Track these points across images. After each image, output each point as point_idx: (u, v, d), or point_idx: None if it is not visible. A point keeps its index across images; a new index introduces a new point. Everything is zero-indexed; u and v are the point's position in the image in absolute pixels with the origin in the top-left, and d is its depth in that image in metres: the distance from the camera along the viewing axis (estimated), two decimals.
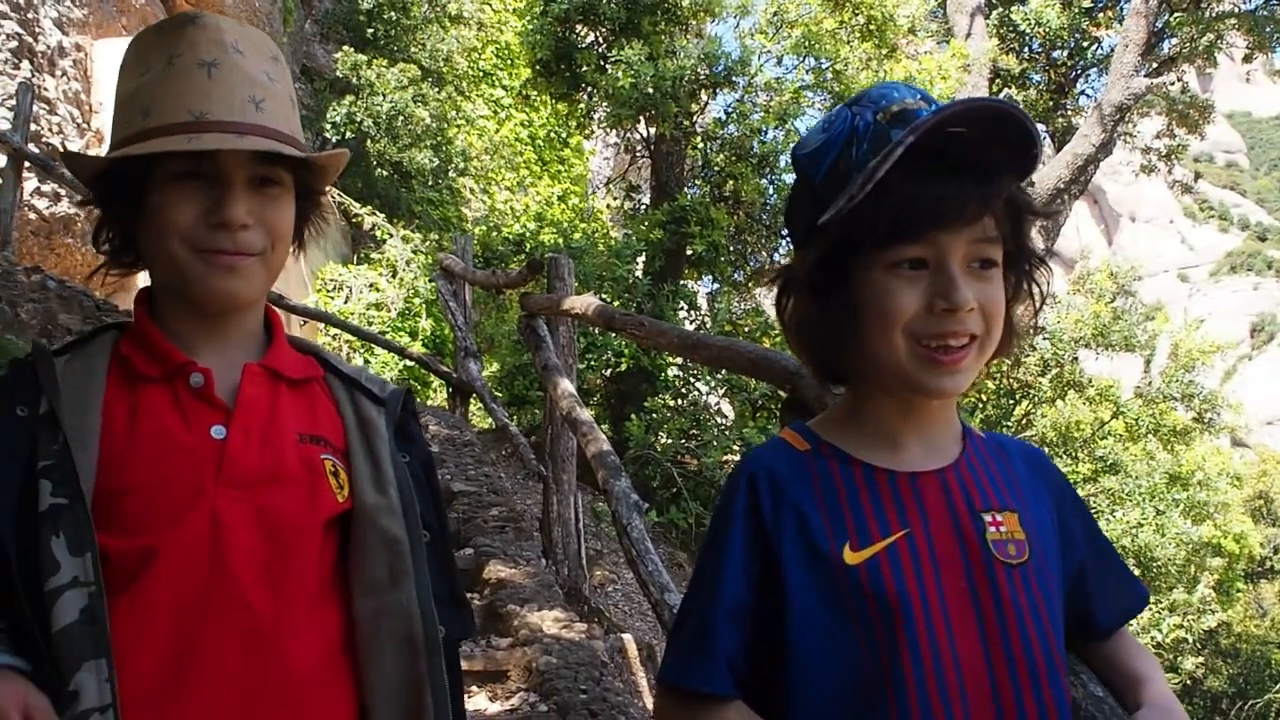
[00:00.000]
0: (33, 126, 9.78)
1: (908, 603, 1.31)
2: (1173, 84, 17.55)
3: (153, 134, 1.42)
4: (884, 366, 1.37)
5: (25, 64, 10.12)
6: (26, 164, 9.66)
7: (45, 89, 10.41)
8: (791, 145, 10.73)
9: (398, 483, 1.55)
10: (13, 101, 9.65)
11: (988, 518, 1.37)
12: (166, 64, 1.44)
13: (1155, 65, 16.47)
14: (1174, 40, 16.47)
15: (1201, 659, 13.70)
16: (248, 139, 1.42)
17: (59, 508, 1.34)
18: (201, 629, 1.37)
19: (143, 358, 1.49)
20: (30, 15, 10.29)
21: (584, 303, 5.87)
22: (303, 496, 1.47)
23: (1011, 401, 15.27)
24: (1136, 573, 12.46)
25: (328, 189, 1.71)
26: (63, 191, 10.36)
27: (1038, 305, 1.45)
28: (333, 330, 13.73)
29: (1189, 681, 13.93)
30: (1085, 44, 17.69)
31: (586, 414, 5.58)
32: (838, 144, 1.38)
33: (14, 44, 9.99)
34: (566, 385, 6.01)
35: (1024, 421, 14.89)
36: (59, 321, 7.53)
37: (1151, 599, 12.87)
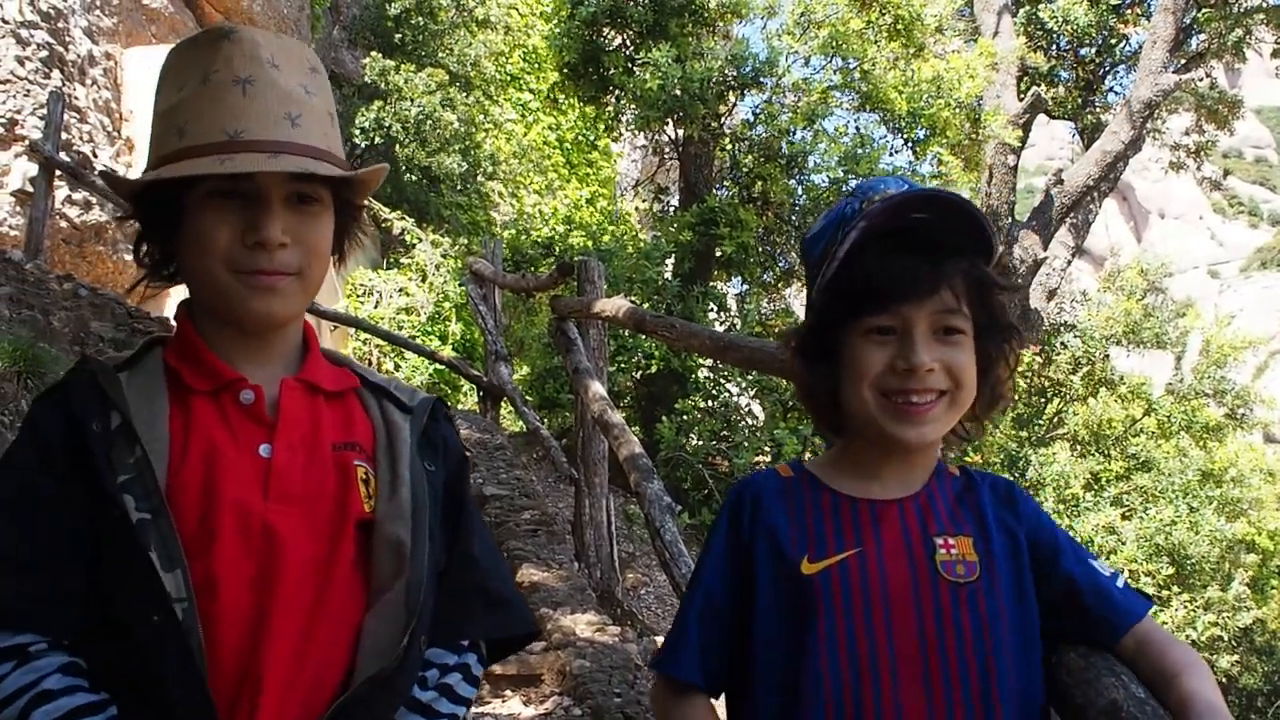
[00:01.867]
0: (64, 135, 9.87)
1: (847, 612, 1.50)
2: (1201, 80, 17.42)
3: (187, 154, 1.42)
4: (860, 418, 1.58)
5: (56, 73, 10.22)
6: (58, 172, 9.75)
7: (76, 98, 10.51)
8: (820, 145, 10.72)
9: (412, 488, 1.54)
10: (44, 110, 9.74)
11: (939, 540, 1.54)
12: (201, 81, 1.44)
13: (1183, 61, 16.34)
14: (1202, 36, 16.34)
15: (1236, 656, 13.58)
16: (282, 158, 1.42)
17: (145, 523, 1.35)
18: (264, 645, 1.38)
19: (191, 371, 1.49)
20: (60, 25, 10.40)
21: (615, 305, 5.87)
22: (340, 506, 1.49)
23: (1043, 400, 15.20)
24: (1169, 571, 12.40)
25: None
26: (94, 200, 10.45)
27: (1010, 371, 1.64)
28: (363, 335, 13.80)
29: (1224, 680, 13.81)
30: (1113, 41, 17.57)
31: (618, 417, 5.59)
32: (829, 230, 1.63)
33: (45, 53, 10.10)
34: (598, 388, 6.02)
35: (1055, 420, 14.82)
36: (91, 329, 7.60)
37: (1186, 597, 12.78)
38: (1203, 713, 1.39)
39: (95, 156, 10.61)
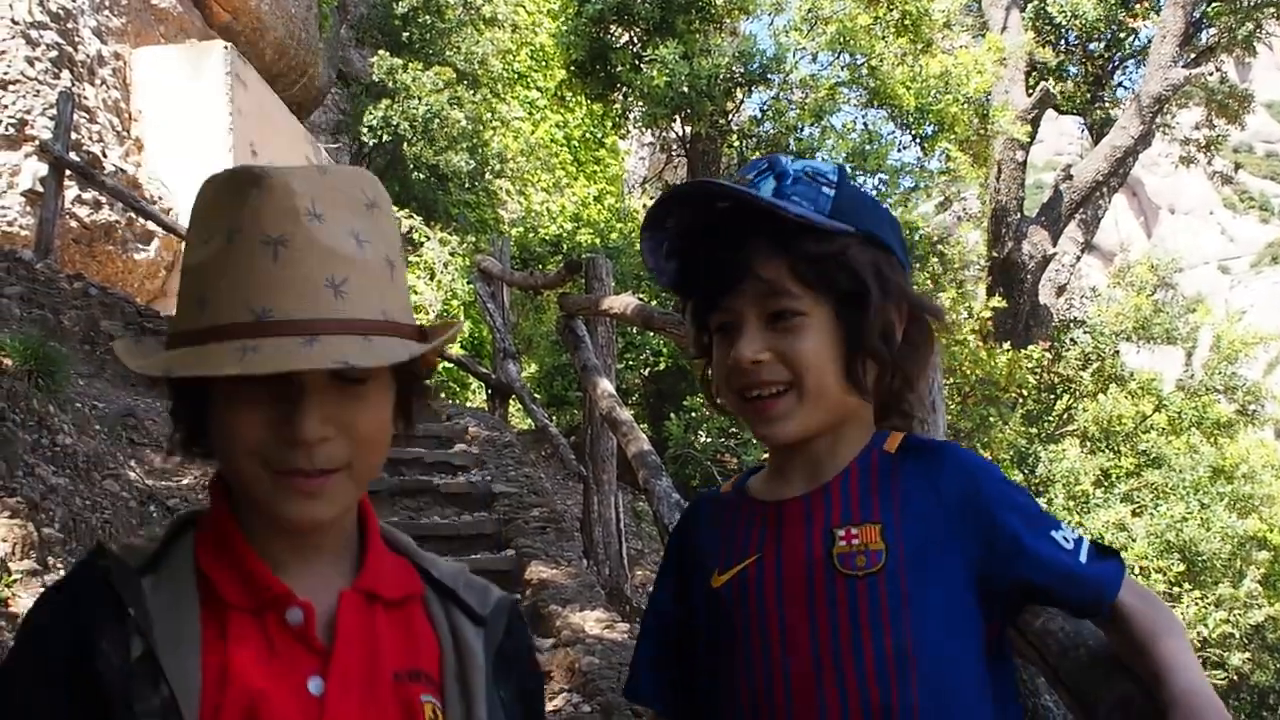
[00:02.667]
0: (73, 135, 9.90)
1: (747, 623, 1.42)
2: (1211, 74, 17.38)
3: (208, 336, 1.15)
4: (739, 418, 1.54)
5: (65, 73, 10.24)
6: (68, 172, 9.78)
7: (85, 98, 10.53)
8: (828, 141, 10.69)
9: None
10: (54, 110, 9.77)
11: (840, 533, 1.41)
12: (227, 239, 1.16)
13: (1193, 56, 16.31)
14: (1212, 30, 16.30)
15: (1248, 654, 13.53)
16: (320, 343, 1.12)
17: None
18: None
19: (229, 579, 1.21)
20: (70, 25, 10.42)
21: (623, 302, 5.87)
22: None
23: (1052, 396, 15.17)
24: (1180, 568, 12.37)
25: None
26: (103, 199, 10.47)
27: (885, 337, 1.45)
28: None
29: (1235, 677, 13.77)
30: (1122, 35, 17.52)
31: (626, 414, 5.59)
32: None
33: (54, 53, 10.12)
34: (606, 385, 6.02)
35: (1065, 416, 14.79)
36: (101, 328, 7.63)
37: (1197, 594, 12.73)
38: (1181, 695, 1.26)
39: (105, 156, 10.63)
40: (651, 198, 17.09)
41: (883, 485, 1.45)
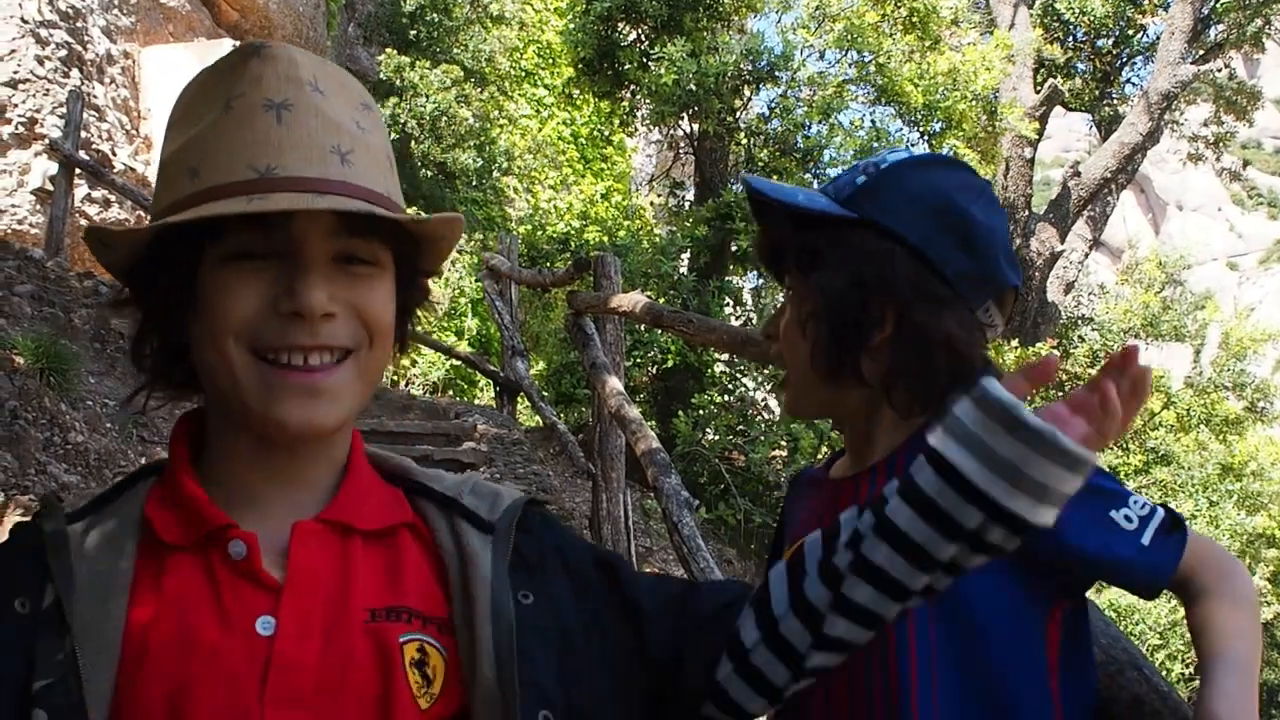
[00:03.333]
0: (83, 134, 9.93)
1: None
2: (1220, 70, 17.36)
3: (203, 198, 1.03)
4: None
5: (75, 72, 10.28)
6: (78, 171, 9.82)
7: (95, 96, 10.57)
8: (836, 139, 10.67)
9: (495, 652, 1.08)
10: (63, 109, 9.81)
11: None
12: (224, 109, 1.06)
13: (1202, 52, 16.29)
14: (1220, 26, 16.28)
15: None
16: (329, 199, 1.03)
17: None
18: None
19: (169, 519, 1.08)
20: (79, 24, 10.46)
21: (631, 300, 5.88)
22: (379, 706, 1.03)
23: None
24: None
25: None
26: (113, 198, 10.52)
27: (841, 337, 1.44)
28: None
29: None
30: (1130, 32, 17.50)
31: (635, 411, 5.59)
32: None
33: (64, 52, 10.16)
34: (614, 383, 6.02)
35: None
36: (111, 326, 7.65)
37: None
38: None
39: (114, 155, 10.67)
40: (659, 195, 17.10)
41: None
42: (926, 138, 12.63)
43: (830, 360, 1.43)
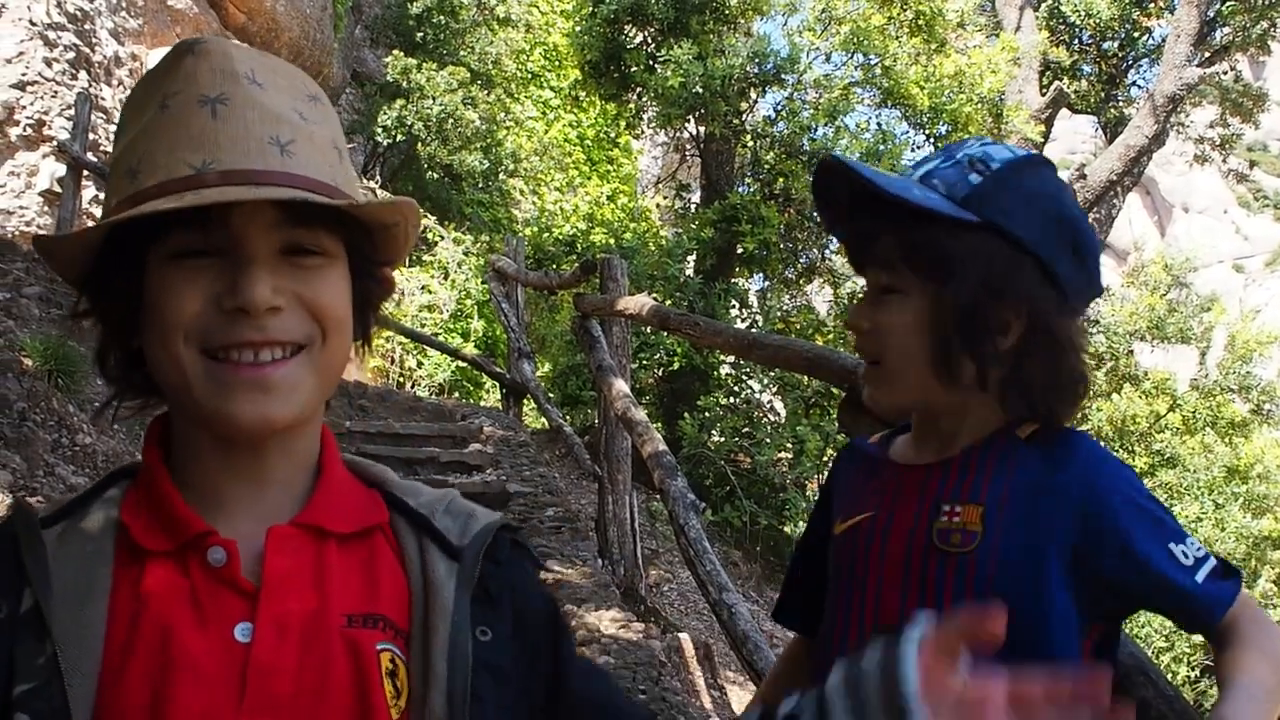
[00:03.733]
0: (90, 136, 9.96)
1: (851, 573, 1.51)
2: (1225, 73, 17.33)
3: (140, 199, 1.01)
4: None
5: (83, 74, 10.31)
6: (85, 172, 9.85)
7: (102, 98, 10.61)
8: (842, 141, 10.71)
9: (448, 686, 1.05)
10: (71, 111, 9.84)
11: (945, 508, 1.44)
12: (159, 108, 1.05)
13: (1208, 55, 16.26)
14: (1226, 29, 16.24)
15: None
16: (265, 189, 1.01)
17: None
18: None
19: (146, 523, 1.06)
20: (87, 26, 10.49)
21: (638, 303, 5.90)
22: (356, 714, 1.03)
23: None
24: None
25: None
26: None
27: (981, 347, 1.44)
28: (386, 333, 13.84)
29: None
30: (1136, 34, 17.48)
31: (641, 414, 5.61)
32: None
33: (71, 55, 10.18)
34: (621, 385, 6.04)
35: (1080, 416, 14.76)
36: None
37: None
38: None
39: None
40: (665, 197, 17.10)
41: (998, 469, 1.45)
42: (932, 140, 12.63)
43: (954, 365, 1.44)
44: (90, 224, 1.08)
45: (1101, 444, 1.54)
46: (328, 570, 1.07)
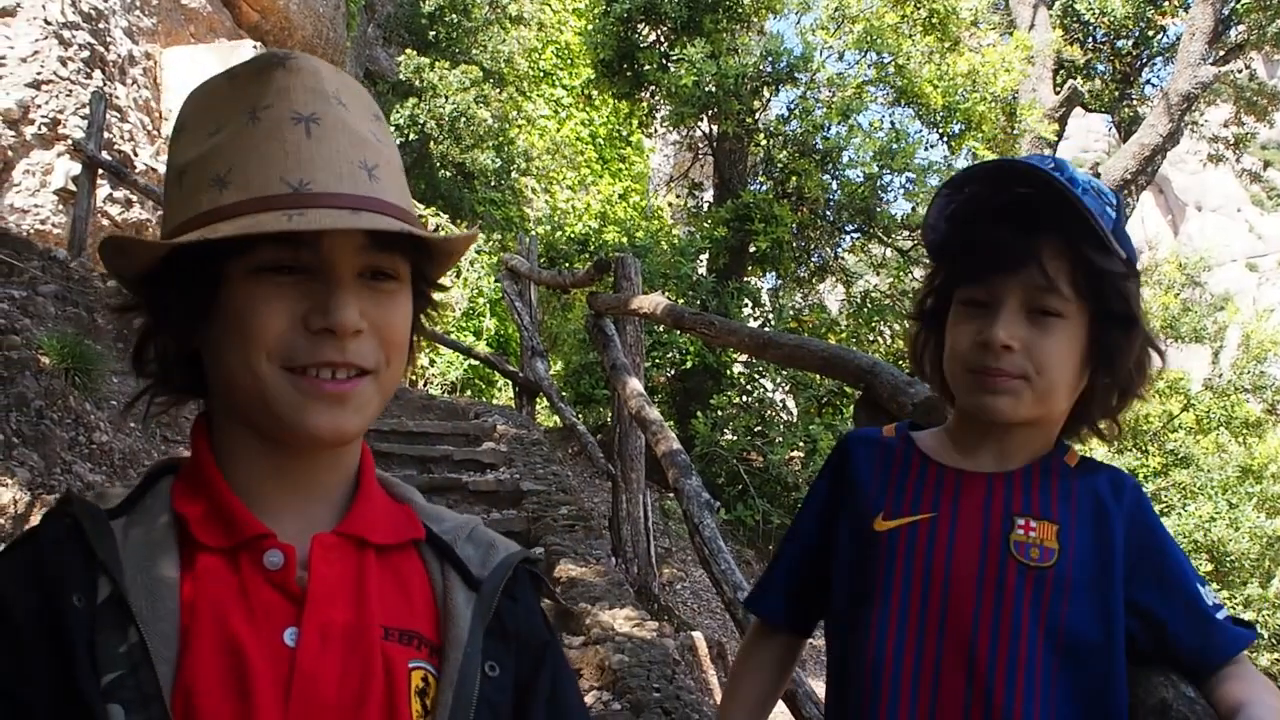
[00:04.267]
0: (105, 134, 9.99)
1: (909, 573, 1.49)
2: (1240, 71, 17.26)
3: (237, 211, 1.03)
4: (951, 388, 1.57)
5: (97, 73, 10.33)
6: (100, 171, 9.87)
7: (116, 97, 10.63)
8: (855, 140, 10.70)
9: (451, 711, 1.08)
10: (86, 110, 9.87)
11: (1020, 520, 1.47)
12: (249, 119, 1.06)
13: (1222, 53, 16.20)
14: (1241, 27, 16.18)
15: (1277, 654, 13.46)
16: (365, 216, 1.04)
17: None
18: None
19: (203, 519, 1.08)
20: (101, 25, 10.51)
21: (652, 302, 5.89)
22: None
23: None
24: (1208, 568, 12.30)
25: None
26: (134, 198, 10.57)
27: (1141, 371, 1.55)
28: None
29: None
30: (1150, 33, 17.42)
31: (655, 413, 5.61)
32: (931, 205, 1.60)
33: (86, 53, 10.20)
34: (635, 384, 6.04)
35: None
36: (134, 325, 7.67)
37: (1226, 594, 12.66)
38: None
39: (136, 155, 10.73)
40: (678, 196, 17.10)
41: (1063, 491, 1.51)
42: (946, 139, 12.61)
43: (1097, 390, 1.53)
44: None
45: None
46: (367, 581, 1.10)
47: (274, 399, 1.05)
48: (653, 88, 12.92)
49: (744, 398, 11.98)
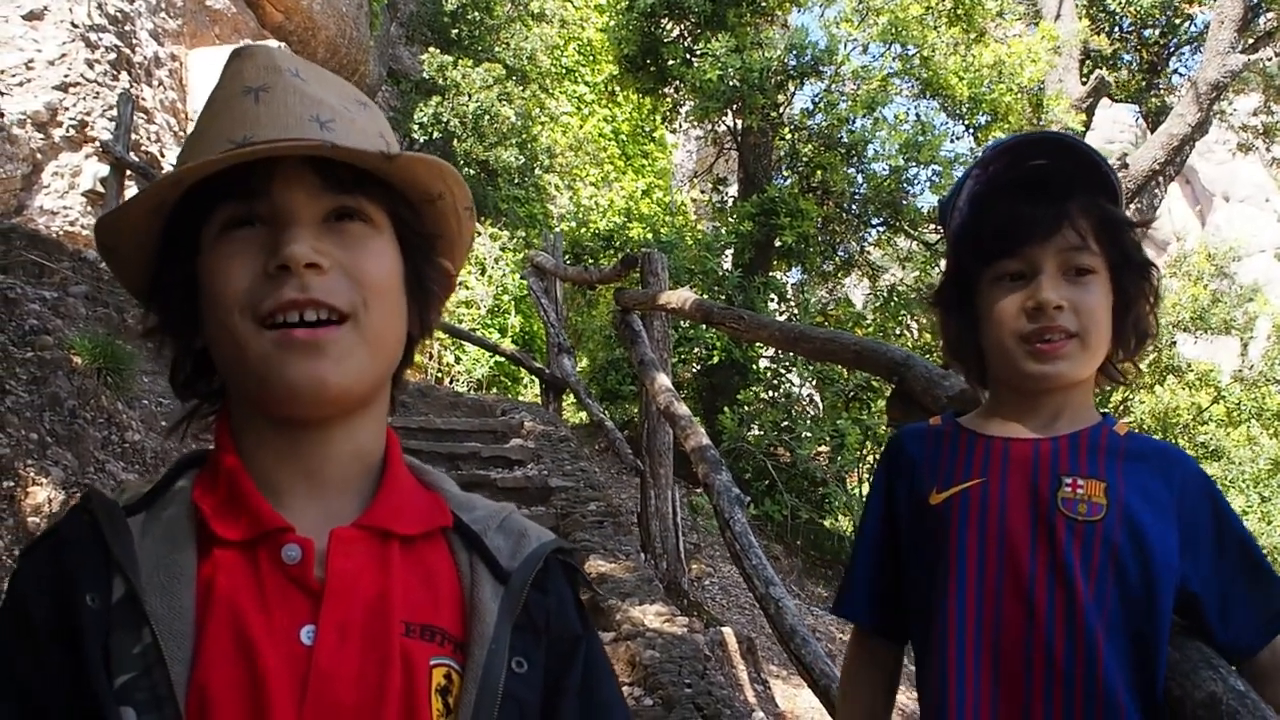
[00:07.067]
0: (132, 136, 10.05)
1: (964, 538, 1.55)
2: (1269, 60, 17.09)
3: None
4: (998, 363, 1.62)
5: (124, 75, 10.40)
6: (128, 172, 9.93)
7: (143, 99, 10.70)
8: (880, 133, 10.69)
9: (474, 710, 1.04)
10: (113, 112, 9.93)
11: (1067, 480, 1.53)
12: (208, 107, 1.09)
13: (1251, 41, 16.03)
14: (1270, 14, 16.01)
15: None
16: (293, 144, 1.03)
17: None
18: None
19: (222, 511, 1.06)
20: (128, 28, 10.59)
21: (681, 297, 5.88)
22: None
23: (1108, 388, 15.00)
24: None
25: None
26: None
27: (1150, 307, 1.63)
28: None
29: None
30: (1178, 21, 17.26)
31: (684, 408, 5.60)
32: (954, 190, 1.67)
33: (113, 55, 10.28)
34: (663, 380, 6.03)
35: (1122, 408, 14.64)
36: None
37: None
38: None
39: (162, 156, 10.80)
40: (702, 191, 17.08)
41: (1110, 454, 1.57)
42: (972, 131, 12.55)
43: (1126, 338, 1.62)
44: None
45: None
46: (390, 576, 1.06)
47: (251, 356, 1.02)
48: (676, 82, 12.90)
49: (770, 392, 11.95)
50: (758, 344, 10.90)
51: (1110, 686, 1.44)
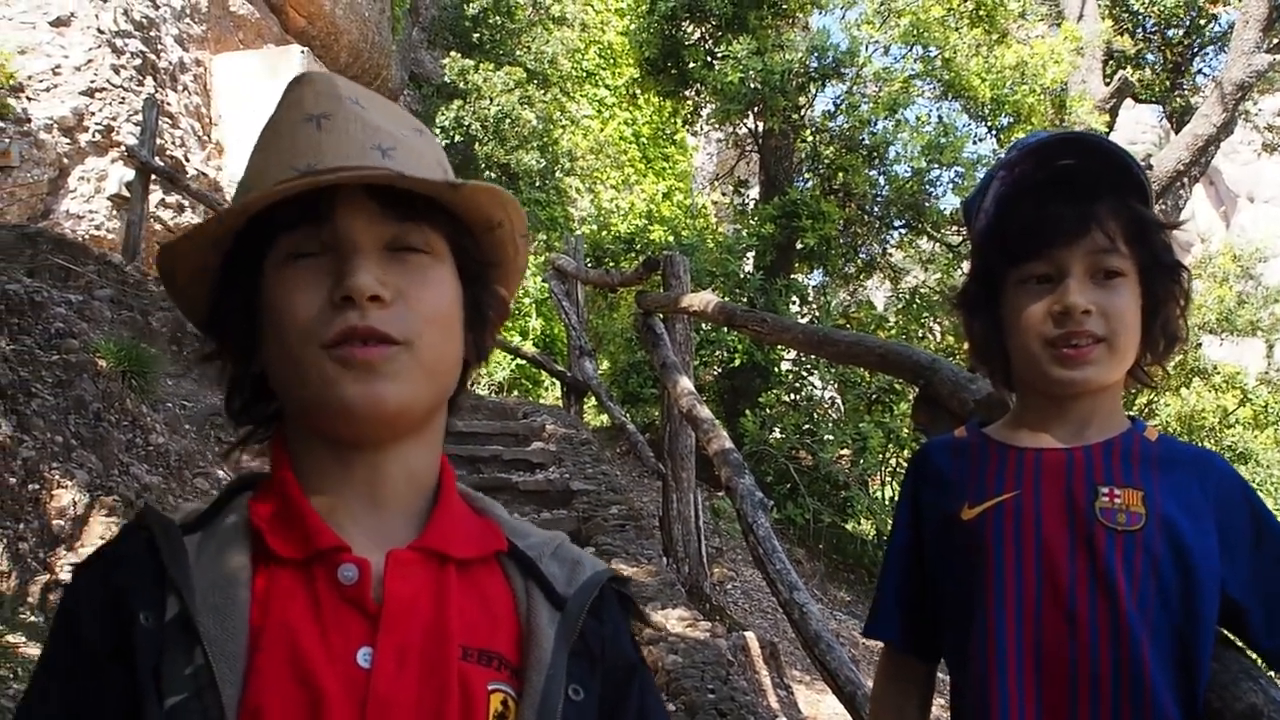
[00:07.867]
0: (157, 141, 10.10)
1: (1001, 552, 1.52)
2: None
3: (248, 207, 1.05)
4: (1024, 368, 1.58)
5: (149, 80, 10.46)
6: (153, 177, 9.98)
7: (168, 104, 10.76)
8: (902, 135, 10.66)
9: None
10: (138, 116, 9.98)
11: (1104, 489, 1.50)
12: (269, 132, 1.10)
13: (1277, 40, 15.92)
14: None
15: None
16: (358, 173, 1.03)
17: None
18: None
19: (279, 529, 1.05)
20: (153, 33, 10.65)
21: (703, 300, 5.87)
22: None
23: (1134, 391, 14.90)
24: None
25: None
26: (187, 203, 10.69)
27: (1179, 310, 1.59)
28: None
29: None
30: (1202, 21, 17.15)
31: (707, 411, 5.59)
32: (979, 191, 1.65)
33: (138, 61, 10.33)
34: (685, 383, 6.02)
35: (1147, 411, 14.55)
36: (187, 329, 7.75)
37: None
38: None
39: (188, 160, 10.85)
40: (724, 194, 17.06)
41: (1144, 462, 1.54)
42: (995, 132, 12.49)
43: (1155, 341, 1.59)
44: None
45: None
46: (446, 599, 1.05)
47: (312, 378, 1.02)
48: (697, 85, 12.89)
49: (792, 395, 11.93)
50: (779, 347, 10.88)
51: (1156, 695, 1.42)
